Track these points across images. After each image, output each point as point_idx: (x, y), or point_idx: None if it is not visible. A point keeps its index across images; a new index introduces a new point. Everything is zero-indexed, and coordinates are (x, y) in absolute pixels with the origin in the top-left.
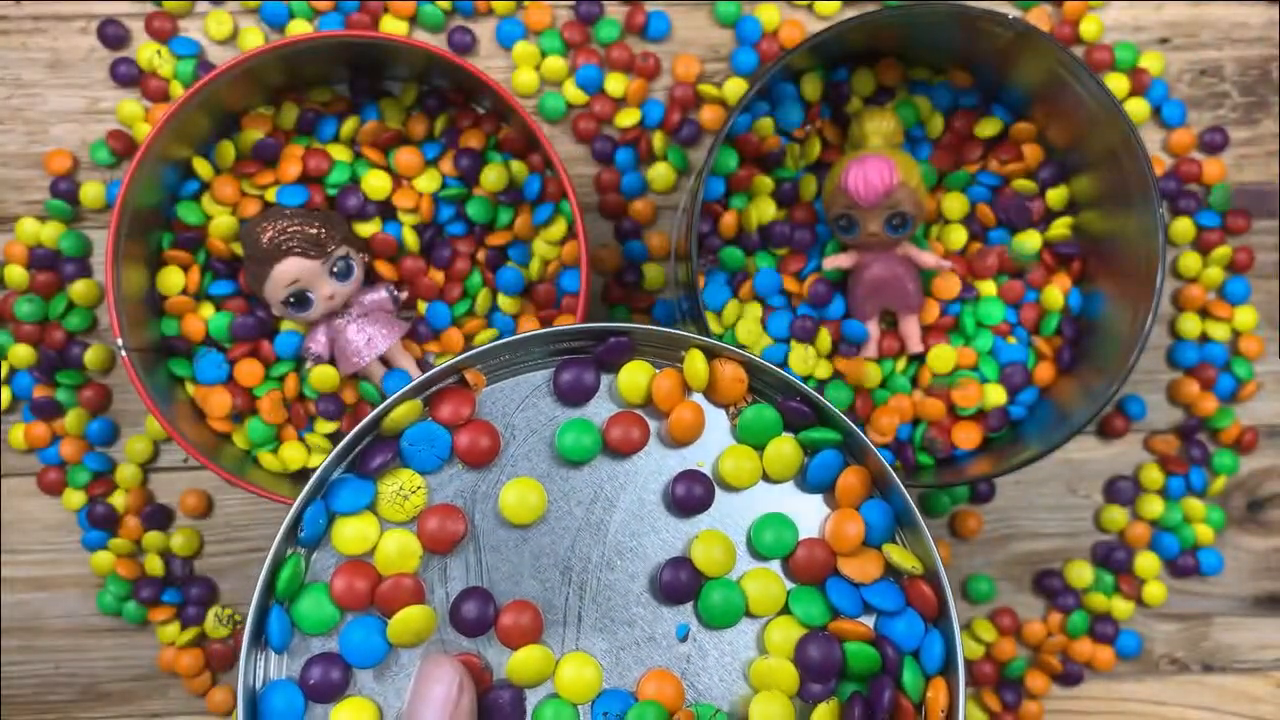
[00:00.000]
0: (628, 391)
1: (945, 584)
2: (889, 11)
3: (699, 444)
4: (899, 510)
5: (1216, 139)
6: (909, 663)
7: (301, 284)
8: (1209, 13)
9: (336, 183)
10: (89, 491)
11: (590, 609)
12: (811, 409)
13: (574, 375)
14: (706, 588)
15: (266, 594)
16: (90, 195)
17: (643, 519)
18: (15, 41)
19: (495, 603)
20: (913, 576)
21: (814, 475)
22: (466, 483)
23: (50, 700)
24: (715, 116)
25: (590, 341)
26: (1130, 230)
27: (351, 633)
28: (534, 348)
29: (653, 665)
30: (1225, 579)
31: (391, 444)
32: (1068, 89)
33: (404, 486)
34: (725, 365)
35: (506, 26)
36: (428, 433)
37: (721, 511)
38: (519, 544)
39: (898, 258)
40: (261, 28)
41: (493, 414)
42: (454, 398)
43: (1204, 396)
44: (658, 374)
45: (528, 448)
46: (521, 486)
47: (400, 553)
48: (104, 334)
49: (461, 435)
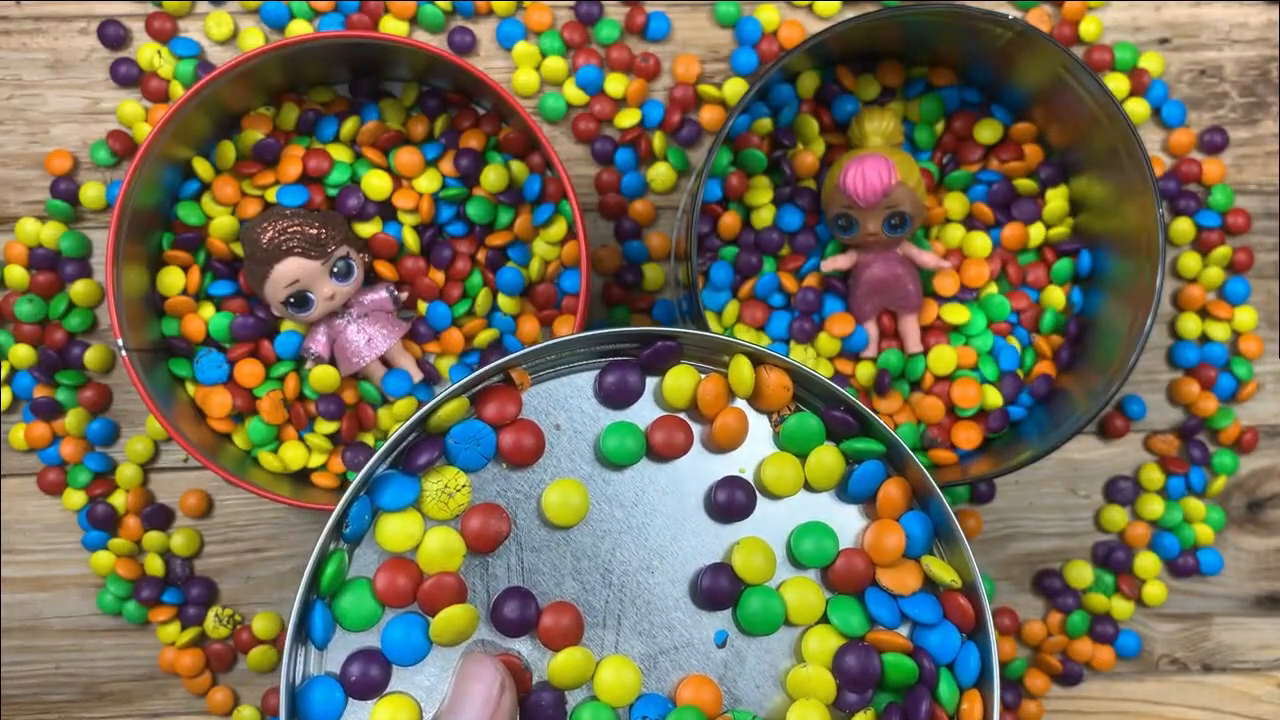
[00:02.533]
0: (673, 396)
1: (983, 597)
2: (889, 11)
3: (741, 450)
4: (938, 522)
5: (1216, 139)
6: (945, 675)
7: (302, 284)
8: (1209, 13)
9: (337, 183)
10: (89, 492)
11: (630, 612)
12: (855, 419)
13: (619, 378)
14: (746, 595)
15: (311, 589)
16: (90, 195)
17: (683, 524)
18: (16, 42)
19: (537, 603)
20: (950, 589)
21: (856, 486)
22: (510, 482)
23: (50, 700)
24: (715, 117)
25: (636, 344)
26: (1130, 230)
27: (393, 630)
28: (580, 349)
29: (690, 670)
30: (1225, 579)
31: (437, 442)
32: (1068, 89)
33: (449, 485)
34: (771, 372)
35: (506, 27)
36: (473, 431)
37: (762, 518)
38: (560, 545)
39: (897, 258)
40: (261, 28)
41: (537, 414)
42: (500, 396)
43: (1204, 396)
44: (703, 379)
45: (571, 449)
46: (564, 487)
47: (444, 551)
48: (104, 334)
49: (506, 434)
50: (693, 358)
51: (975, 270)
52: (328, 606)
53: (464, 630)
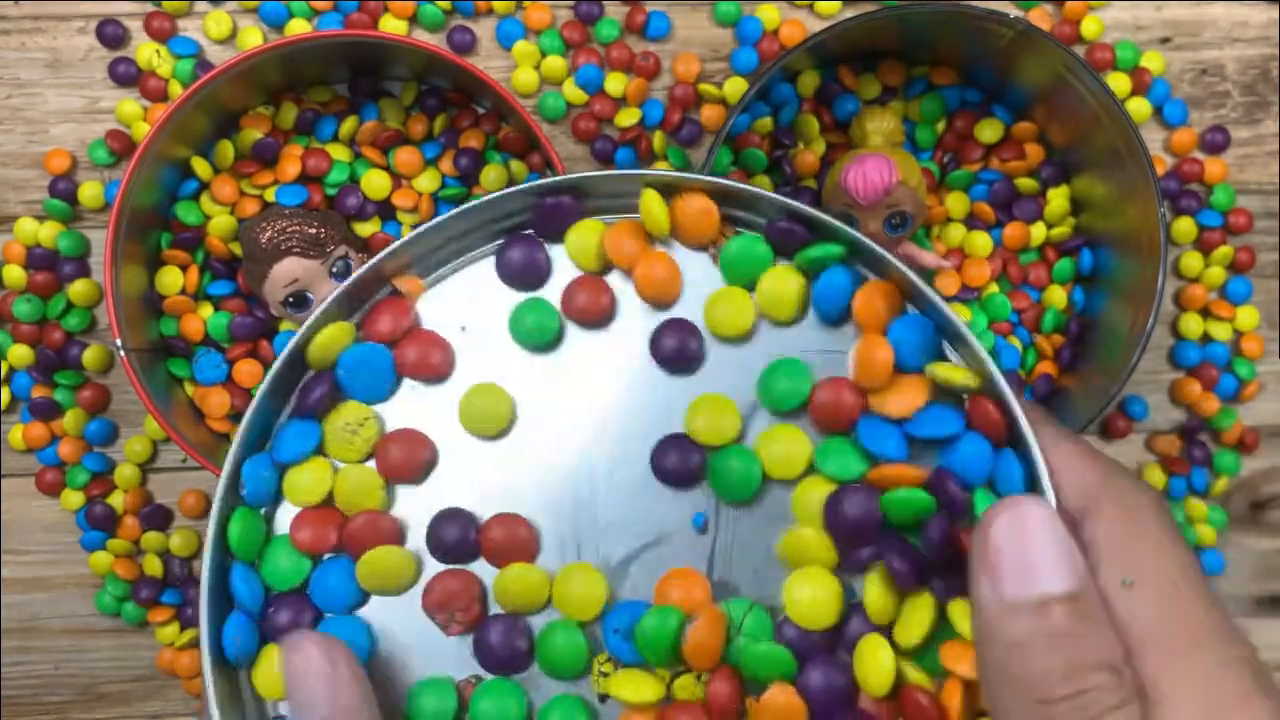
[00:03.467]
0: (581, 258)
1: (1010, 396)
2: (889, 11)
3: (683, 302)
4: (938, 323)
5: (1218, 138)
6: (981, 495)
7: (300, 284)
8: (1210, 12)
9: (336, 182)
10: (88, 492)
11: (587, 514)
12: (804, 225)
13: (521, 253)
14: (714, 460)
15: (220, 553)
16: (89, 195)
17: (636, 397)
18: (14, 41)
19: (476, 521)
20: (971, 393)
21: (822, 302)
22: (426, 400)
23: (49, 700)
24: (715, 116)
25: (533, 209)
26: (1132, 230)
27: (319, 579)
28: (472, 232)
29: (672, 565)
30: (1227, 579)
31: (326, 376)
32: (1069, 88)
33: (349, 421)
34: (690, 199)
35: (506, 26)
36: (364, 355)
37: (723, 370)
38: (501, 458)
39: (898, 257)
40: (260, 27)
41: (438, 320)
42: (389, 310)
43: (1206, 397)
44: (607, 227)
45: (487, 346)
46: (482, 393)
47: (359, 489)
48: (103, 334)
49: (404, 350)
50: (606, 211)
51: (976, 270)
52: (253, 570)
53: (396, 572)
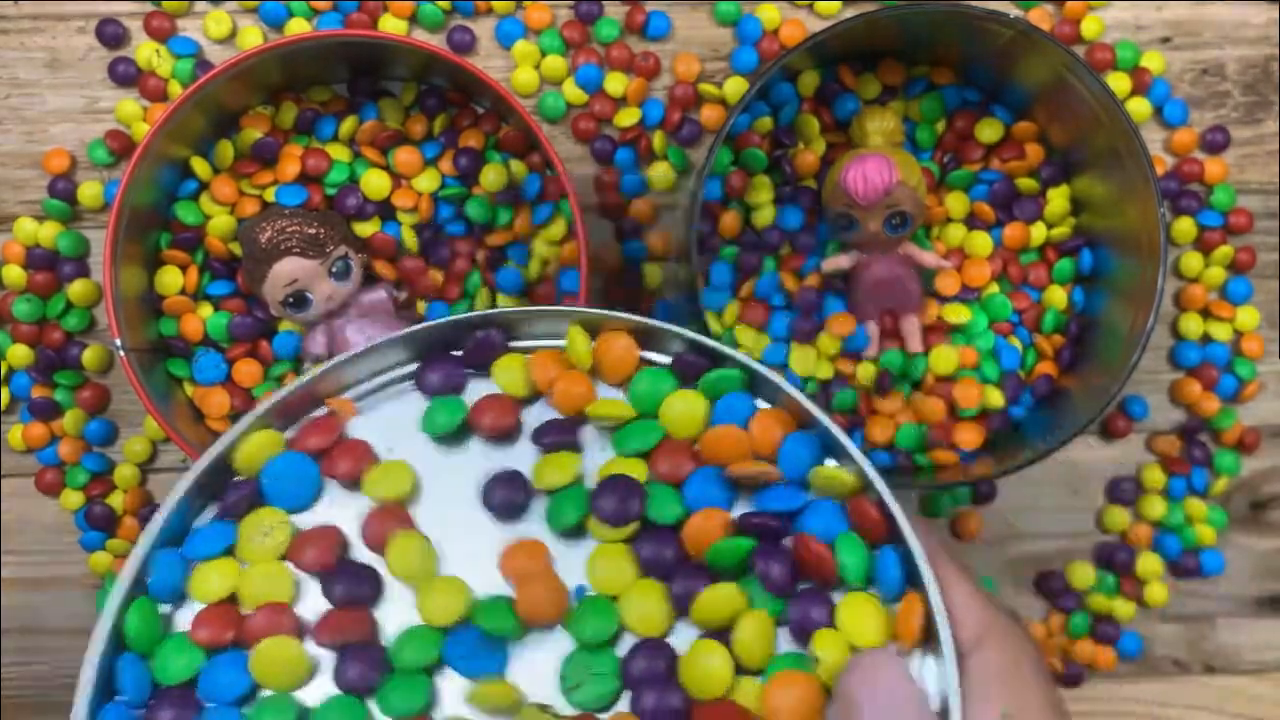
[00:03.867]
0: (510, 390)
1: (888, 497)
2: (889, 11)
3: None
4: (826, 441)
5: (1218, 138)
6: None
7: (300, 284)
8: (1210, 12)
9: (335, 182)
10: (87, 492)
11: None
12: (705, 356)
13: (441, 378)
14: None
15: (112, 642)
16: (88, 195)
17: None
18: (13, 41)
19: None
20: (853, 494)
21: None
22: (346, 510)
23: (50, 700)
24: (715, 116)
25: (461, 332)
26: (1132, 230)
27: (212, 669)
28: (397, 357)
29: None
30: (1227, 580)
31: (249, 482)
32: (1069, 88)
33: (264, 522)
34: (612, 339)
35: (506, 26)
36: (290, 466)
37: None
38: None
39: (898, 258)
40: (260, 27)
41: (372, 432)
42: (319, 428)
43: (1206, 397)
44: (529, 358)
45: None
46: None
47: (267, 580)
48: (102, 334)
49: (332, 461)
50: (533, 342)
51: (976, 270)
52: (143, 661)
53: (289, 665)
